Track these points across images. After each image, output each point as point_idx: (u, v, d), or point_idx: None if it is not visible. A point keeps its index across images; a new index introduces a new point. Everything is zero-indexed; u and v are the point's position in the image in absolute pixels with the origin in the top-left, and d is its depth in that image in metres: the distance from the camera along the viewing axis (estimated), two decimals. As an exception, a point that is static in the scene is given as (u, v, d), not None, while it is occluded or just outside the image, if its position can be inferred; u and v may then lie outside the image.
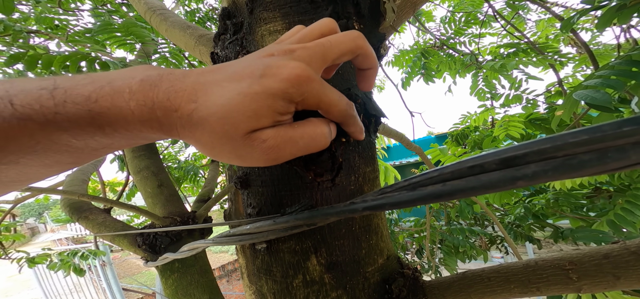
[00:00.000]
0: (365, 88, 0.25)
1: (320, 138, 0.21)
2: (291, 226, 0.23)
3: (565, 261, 0.23)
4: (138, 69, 0.18)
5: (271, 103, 0.18)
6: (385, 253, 0.33)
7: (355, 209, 0.18)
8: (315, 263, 0.28)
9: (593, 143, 0.10)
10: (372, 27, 0.41)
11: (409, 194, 0.16)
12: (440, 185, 0.14)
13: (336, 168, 0.26)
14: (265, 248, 0.28)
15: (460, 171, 0.14)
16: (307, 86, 0.19)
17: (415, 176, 0.16)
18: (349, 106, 0.22)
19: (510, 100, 1.87)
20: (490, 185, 0.13)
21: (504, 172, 0.12)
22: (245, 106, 0.17)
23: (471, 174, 0.13)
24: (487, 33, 2.13)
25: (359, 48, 0.22)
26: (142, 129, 0.17)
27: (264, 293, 0.30)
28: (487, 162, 0.13)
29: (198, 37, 0.50)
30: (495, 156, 0.13)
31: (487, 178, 0.13)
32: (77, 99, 0.16)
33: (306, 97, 0.19)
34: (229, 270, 4.23)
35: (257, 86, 0.18)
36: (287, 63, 0.19)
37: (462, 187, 0.13)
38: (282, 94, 0.18)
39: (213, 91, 0.18)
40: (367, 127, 0.32)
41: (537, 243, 1.83)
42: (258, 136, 0.19)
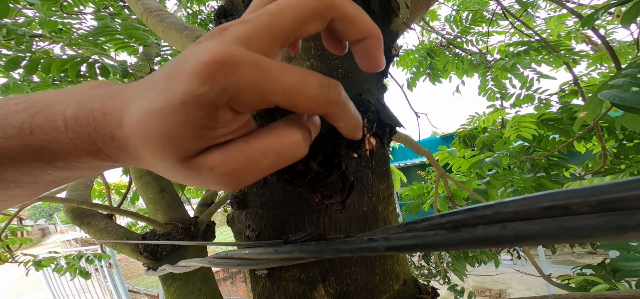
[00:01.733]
0: (368, 68, 0.17)
1: (290, 151, 0.15)
2: (295, 257, 0.19)
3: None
4: (80, 88, 0.15)
5: (183, 118, 0.12)
6: (402, 278, 0.29)
7: (376, 247, 0.14)
8: (323, 293, 0.24)
9: None
10: (383, 25, 0.38)
11: (450, 235, 0.12)
12: (497, 227, 0.11)
13: (347, 189, 0.23)
14: (266, 274, 0.25)
15: (529, 211, 0.10)
16: (228, 78, 0.12)
17: (456, 212, 0.12)
18: (324, 88, 0.15)
19: (522, 100, 1.80)
20: (581, 233, 0.09)
21: (605, 218, 0.08)
22: (154, 131, 0.13)
23: (547, 216, 0.10)
24: (494, 31, 2.07)
25: (330, 8, 0.15)
26: (95, 161, 0.14)
27: None
28: (574, 203, 0.09)
29: (195, 38, 0.47)
30: (589, 196, 0.09)
31: (576, 224, 0.09)
32: (9, 131, 0.13)
33: (238, 92, 0.13)
34: (234, 272, 4.22)
35: (162, 97, 0.13)
36: (198, 52, 0.13)
37: (534, 234, 0.10)
38: (192, 100, 0.12)
39: (132, 110, 0.13)
40: (381, 139, 0.28)
41: (551, 247, 1.75)
42: (201, 163, 0.14)
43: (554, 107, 1.64)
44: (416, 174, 3.15)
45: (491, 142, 1.82)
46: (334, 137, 0.23)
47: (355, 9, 0.15)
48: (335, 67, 0.28)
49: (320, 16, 0.15)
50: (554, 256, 3.86)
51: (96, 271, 3.36)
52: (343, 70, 0.29)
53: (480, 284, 3.71)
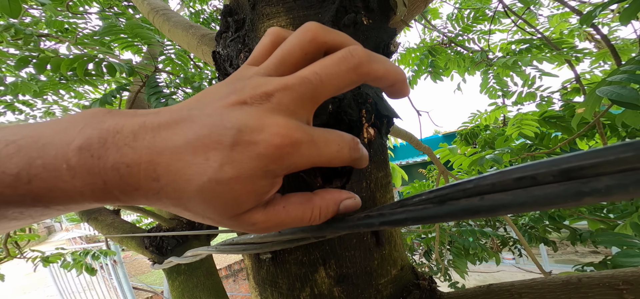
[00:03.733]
0: (397, 98, 0.20)
1: (302, 221, 0.18)
2: (298, 238, 0.21)
3: (618, 279, 0.20)
4: (74, 124, 0.14)
5: (250, 188, 0.14)
6: (399, 263, 0.31)
7: (371, 223, 0.16)
8: (324, 275, 0.26)
9: None
10: (381, 22, 0.39)
11: (437, 208, 0.13)
12: (477, 199, 0.12)
13: (346, 174, 0.24)
14: (270, 258, 0.27)
15: (503, 183, 0.11)
16: (292, 157, 0.15)
17: (443, 187, 0.14)
18: (352, 150, 0.18)
19: (523, 97, 1.80)
20: (546, 201, 0.10)
21: (566, 186, 0.10)
22: (220, 197, 0.14)
23: (518, 187, 0.11)
24: (496, 29, 2.07)
25: (364, 76, 0.16)
26: (103, 202, 0.14)
27: None
28: (540, 173, 0.10)
29: (200, 36, 0.49)
30: (552, 166, 0.10)
31: (542, 193, 0.10)
32: (5, 180, 0.12)
33: (294, 166, 0.15)
34: (236, 270, 4.26)
35: (230, 168, 0.14)
36: (264, 124, 0.14)
37: (507, 203, 0.11)
38: (262, 173, 0.14)
39: (177, 169, 0.14)
40: (379, 129, 0.30)
41: (552, 245, 1.75)
42: (246, 219, 0.16)
43: (556, 105, 1.64)
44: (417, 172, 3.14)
45: (492, 139, 1.82)
46: (335, 126, 0.24)
47: (384, 67, 0.17)
48: None
49: (355, 83, 0.17)
50: (556, 255, 3.85)
51: (101, 268, 3.41)
52: None
53: (482, 282, 3.71)
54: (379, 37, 0.36)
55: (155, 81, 0.88)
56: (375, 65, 0.16)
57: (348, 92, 0.26)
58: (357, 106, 0.26)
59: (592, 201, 0.10)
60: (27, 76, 1.23)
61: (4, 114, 1.48)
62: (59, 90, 1.38)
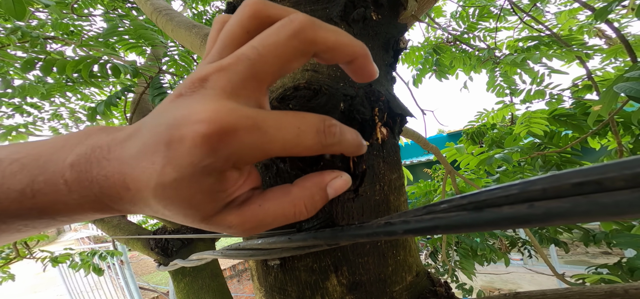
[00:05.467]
0: (362, 80, 0.18)
1: (297, 217, 0.16)
2: (309, 245, 0.19)
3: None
4: (69, 142, 0.14)
5: (196, 187, 0.13)
6: (414, 269, 0.29)
7: (394, 231, 0.14)
8: (335, 282, 0.24)
9: None
10: (390, 17, 0.37)
11: (473, 215, 0.12)
12: (524, 206, 0.10)
13: (360, 176, 0.23)
14: (278, 265, 0.25)
15: (558, 188, 0.10)
16: (229, 146, 0.13)
17: (478, 192, 0.12)
18: (320, 135, 0.15)
19: (532, 95, 1.76)
20: (617, 210, 0.09)
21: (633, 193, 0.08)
22: (171, 201, 0.13)
23: (578, 193, 0.09)
24: (502, 27, 2.03)
25: (309, 44, 0.14)
26: (100, 213, 0.15)
27: None
28: (608, 177, 0.09)
29: (203, 36, 0.48)
30: (624, 169, 0.08)
31: (611, 200, 0.09)
32: (11, 195, 0.13)
33: (240, 156, 0.13)
34: (240, 270, 4.27)
35: (171, 170, 0.13)
36: (191, 113, 0.13)
37: (565, 212, 0.09)
38: (201, 170, 0.13)
39: (137, 177, 0.13)
40: (392, 128, 0.28)
41: (564, 246, 1.71)
42: (220, 221, 0.15)
43: (566, 103, 1.59)
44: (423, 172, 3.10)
45: (500, 138, 1.78)
46: (347, 124, 0.23)
47: (336, 37, 0.15)
48: None
49: (301, 53, 0.14)
50: (567, 256, 3.76)
51: (108, 268, 3.45)
52: None
53: (489, 284, 3.65)
54: (389, 33, 0.35)
55: (159, 82, 0.88)
56: (322, 33, 0.14)
57: (360, 91, 0.25)
58: (369, 104, 0.25)
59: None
60: (34, 78, 1.24)
61: (12, 116, 1.50)
62: (66, 92, 1.39)
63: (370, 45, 0.32)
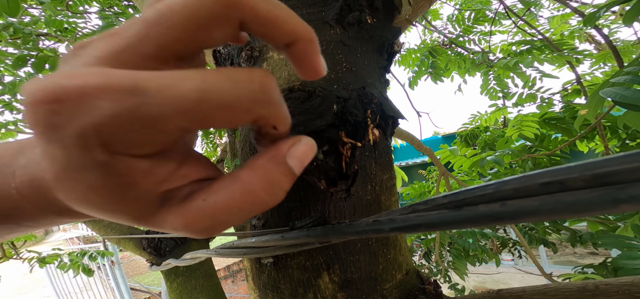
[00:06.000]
0: (306, 76, 0.14)
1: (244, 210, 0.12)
2: (301, 243, 0.20)
3: (638, 287, 0.20)
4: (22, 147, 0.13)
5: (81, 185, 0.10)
6: (404, 268, 0.30)
7: (381, 229, 0.15)
8: (327, 280, 0.25)
9: None
10: (385, 20, 0.38)
11: (453, 214, 0.12)
12: (497, 205, 0.11)
13: (351, 176, 0.23)
14: (272, 263, 0.26)
15: (528, 188, 0.10)
16: (76, 117, 0.09)
17: (460, 191, 0.13)
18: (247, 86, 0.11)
19: (524, 99, 1.80)
20: (577, 208, 0.09)
21: (599, 192, 0.09)
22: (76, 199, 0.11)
23: (545, 193, 0.10)
24: (496, 31, 2.07)
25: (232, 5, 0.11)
26: (64, 218, 0.13)
27: None
28: (571, 178, 0.10)
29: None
30: (584, 171, 0.09)
31: (572, 199, 0.09)
32: None
33: (110, 133, 0.09)
34: (234, 270, 4.24)
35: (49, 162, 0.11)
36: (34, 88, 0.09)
37: (533, 210, 0.10)
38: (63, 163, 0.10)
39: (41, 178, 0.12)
40: (384, 130, 0.29)
41: (552, 246, 1.75)
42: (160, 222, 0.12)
43: (557, 107, 1.64)
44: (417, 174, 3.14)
45: (493, 141, 1.82)
46: (340, 126, 0.23)
47: (272, 7, 0.12)
48: (340, 61, 0.29)
49: (222, 19, 0.11)
50: (556, 256, 3.84)
51: (98, 269, 3.39)
52: (347, 63, 0.29)
53: (481, 284, 3.70)
54: (383, 37, 0.36)
55: None
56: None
57: (353, 93, 0.26)
58: (362, 106, 0.26)
59: (628, 209, 0.09)
60: (25, 75, 1.22)
61: (2, 113, 1.47)
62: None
63: (365, 48, 0.33)
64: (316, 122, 0.22)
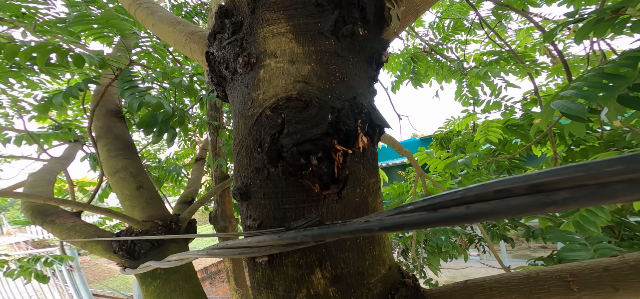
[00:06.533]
0: None
1: None
2: (298, 242, 0.22)
3: (566, 272, 0.25)
4: None
5: None
6: (387, 263, 0.33)
7: (371, 228, 0.17)
8: (319, 276, 0.27)
9: (628, 173, 0.11)
10: (376, 33, 0.41)
11: (430, 215, 0.15)
12: (463, 207, 0.14)
13: (343, 180, 0.26)
14: (267, 261, 0.27)
15: (486, 194, 0.13)
16: None
17: (436, 196, 0.16)
18: None
19: (491, 106, 1.98)
20: (518, 210, 0.13)
21: (534, 197, 0.12)
22: None
23: (498, 198, 0.13)
24: (471, 40, 2.25)
25: None
26: None
27: None
28: (515, 187, 0.13)
29: (189, 34, 0.47)
30: (524, 181, 0.13)
31: (516, 203, 0.13)
32: None
33: None
34: (213, 272, 4.09)
35: None
36: None
37: (488, 211, 0.13)
38: None
39: None
40: (372, 138, 0.32)
41: (510, 241, 1.95)
42: None
43: (518, 114, 1.82)
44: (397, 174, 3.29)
45: (464, 144, 1.97)
46: (333, 135, 0.26)
47: None
48: (334, 71, 0.31)
49: None
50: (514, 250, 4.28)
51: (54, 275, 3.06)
52: (340, 74, 0.31)
53: (451, 278, 4.01)
54: (373, 48, 0.38)
55: (129, 75, 0.82)
56: None
57: (346, 103, 0.28)
58: (353, 116, 0.28)
59: (552, 210, 0.12)
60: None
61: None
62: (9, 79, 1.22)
63: (356, 59, 0.35)
64: (312, 131, 0.24)
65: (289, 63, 0.30)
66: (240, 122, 0.31)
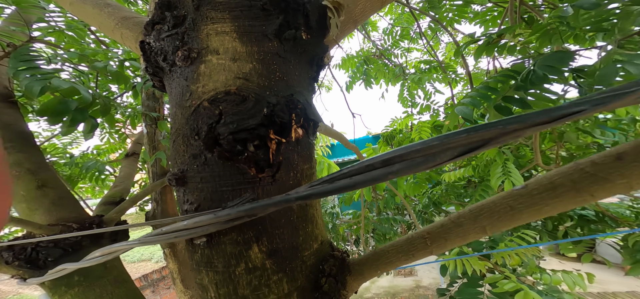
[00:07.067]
0: None
1: None
2: (233, 218, 0.25)
3: (425, 232, 0.35)
4: None
5: None
6: (319, 239, 0.39)
7: (289, 199, 0.22)
8: (257, 251, 0.31)
9: (425, 151, 0.18)
10: (318, 37, 0.45)
11: (329, 186, 0.21)
12: (348, 179, 0.20)
13: (277, 165, 0.30)
14: (205, 242, 0.29)
15: (359, 169, 0.20)
16: None
17: (334, 173, 0.21)
18: None
19: (423, 109, 2.34)
20: (376, 178, 0.19)
21: (384, 169, 0.19)
22: None
23: (366, 171, 0.19)
24: (414, 48, 2.59)
25: None
26: None
27: (205, 285, 0.31)
28: (376, 162, 0.19)
29: (121, 19, 0.42)
30: (380, 158, 0.19)
31: (375, 173, 0.19)
32: None
33: None
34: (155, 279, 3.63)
35: None
36: None
37: (361, 181, 0.19)
38: None
39: None
40: (307, 130, 0.37)
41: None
42: None
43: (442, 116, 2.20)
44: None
45: (403, 141, 2.27)
46: (268, 125, 0.29)
47: None
48: (274, 71, 0.34)
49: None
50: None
51: None
52: (280, 74, 0.35)
53: (396, 262, 4.64)
54: (315, 52, 0.43)
55: (28, 53, 0.67)
56: None
57: (282, 99, 0.32)
58: (288, 110, 0.32)
59: (392, 177, 0.19)
60: None
61: None
62: None
63: (297, 60, 0.39)
64: (249, 122, 0.27)
65: (231, 61, 0.32)
66: (178, 112, 0.31)
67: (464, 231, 0.32)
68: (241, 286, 0.30)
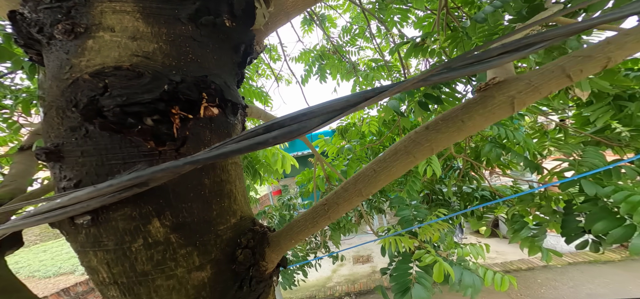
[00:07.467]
0: None
1: None
2: (119, 189, 0.24)
3: (324, 201, 0.40)
4: None
5: None
6: (239, 214, 0.40)
7: (177, 165, 0.22)
8: (158, 225, 0.30)
9: (297, 119, 0.20)
10: (244, 25, 0.45)
11: (217, 151, 0.22)
12: (234, 144, 0.22)
13: (181, 139, 0.29)
14: (89, 220, 0.27)
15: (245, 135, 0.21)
16: None
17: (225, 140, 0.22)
18: None
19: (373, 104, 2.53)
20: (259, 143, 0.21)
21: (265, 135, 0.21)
22: None
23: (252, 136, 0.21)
24: (368, 47, 2.76)
25: None
26: None
27: (94, 267, 0.28)
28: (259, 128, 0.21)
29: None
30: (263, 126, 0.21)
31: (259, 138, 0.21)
32: None
33: None
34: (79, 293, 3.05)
35: None
36: None
37: (247, 145, 0.21)
38: None
39: None
40: (224, 110, 0.37)
41: (384, 212, 2.59)
42: None
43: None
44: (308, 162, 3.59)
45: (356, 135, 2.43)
46: (169, 102, 0.28)
47: None
48: (187, 53, 0.33)
49: None
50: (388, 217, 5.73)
51: None
52: (193, 56, 0.34)
53: (357, 253, 4.98)
54: (240, 39, 0.42)
55: None
56: None
57: (189, 78, 0.31)
58: (197, 89, 0.31)
59: (273, 142, 0.21)
60: None
61: None
62: None
63: (218, 46, 0.38)
64: (143, 96, 0.26)
65: (129, 39, 0.29)
66: (54, 84, 0.28)
67: (348, 195, 0.39)
68: (140, 262, 0.28)
